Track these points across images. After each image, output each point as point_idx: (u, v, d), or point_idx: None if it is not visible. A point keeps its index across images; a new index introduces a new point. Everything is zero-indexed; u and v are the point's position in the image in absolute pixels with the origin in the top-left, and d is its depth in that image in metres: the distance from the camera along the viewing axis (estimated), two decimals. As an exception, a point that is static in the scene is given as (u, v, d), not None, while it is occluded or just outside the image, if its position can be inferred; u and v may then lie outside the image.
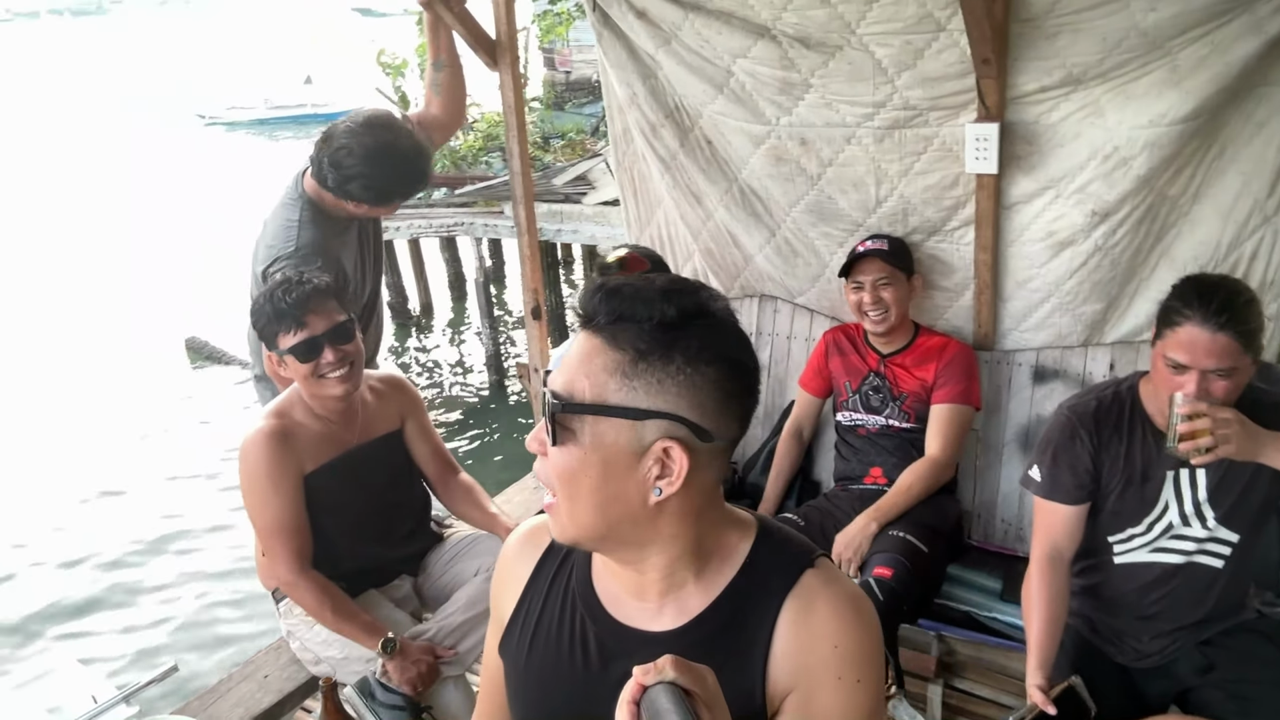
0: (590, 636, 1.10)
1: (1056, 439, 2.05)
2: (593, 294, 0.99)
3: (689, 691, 0.81)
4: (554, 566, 1.16)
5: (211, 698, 2.42)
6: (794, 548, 1.09)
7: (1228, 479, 1.93)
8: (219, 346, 10.09)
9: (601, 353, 0.97)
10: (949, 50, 2.53)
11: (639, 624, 1.08)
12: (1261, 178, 2.40)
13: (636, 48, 3.01)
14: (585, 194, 8.63)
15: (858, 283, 2.72)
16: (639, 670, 0.82)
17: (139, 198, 17.79)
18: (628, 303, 0.97)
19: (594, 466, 0.98)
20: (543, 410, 1.00)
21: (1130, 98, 2.40)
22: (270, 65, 33.30)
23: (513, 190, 3.20)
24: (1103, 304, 2.76)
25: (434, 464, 2.52)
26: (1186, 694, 2.05)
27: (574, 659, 1.11)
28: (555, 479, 1.00)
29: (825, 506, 2.73)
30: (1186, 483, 1.96)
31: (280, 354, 2.19)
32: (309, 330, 2.16)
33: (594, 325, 0.98)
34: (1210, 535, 1.97)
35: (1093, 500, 2.03)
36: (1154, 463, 1.97)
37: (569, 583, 1.14)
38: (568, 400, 0.97)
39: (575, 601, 1.13)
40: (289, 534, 2.22)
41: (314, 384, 2.21)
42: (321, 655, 2.37)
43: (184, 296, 11.58)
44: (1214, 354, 1.76)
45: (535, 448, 1.02)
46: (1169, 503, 1.98)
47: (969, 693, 2.51)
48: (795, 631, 1.03)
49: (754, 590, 1.06)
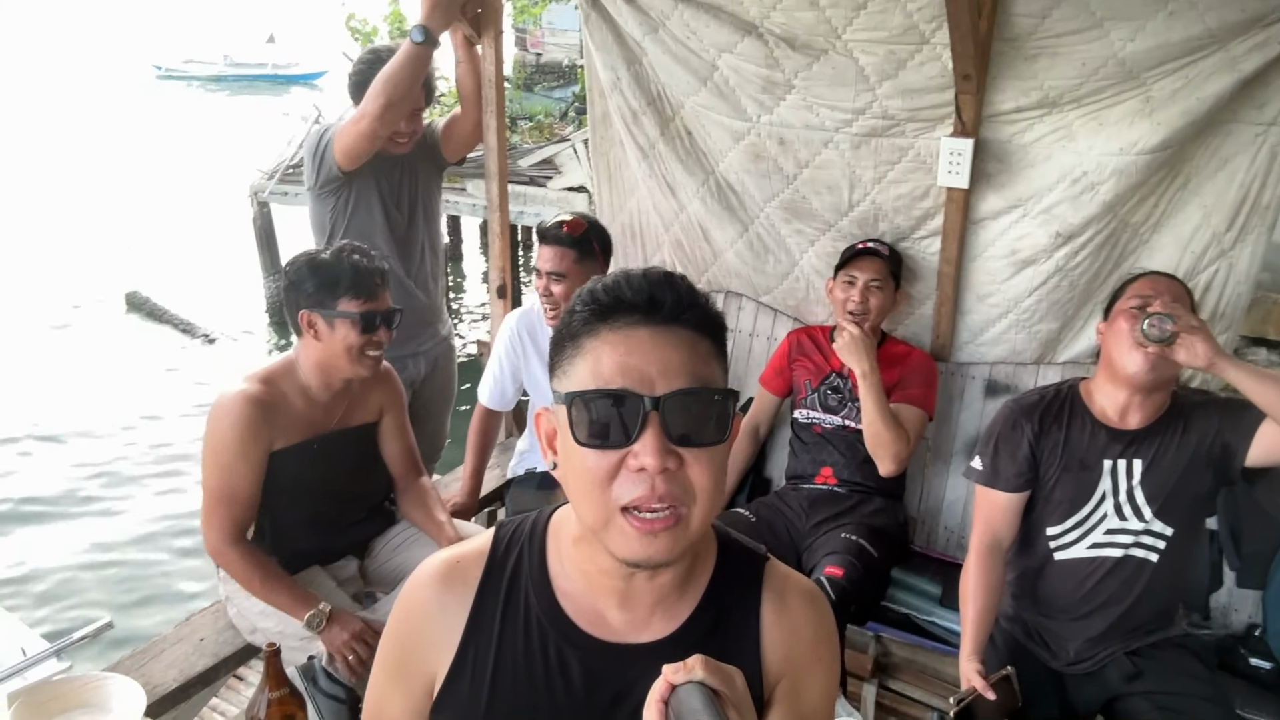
0: (571, 662, 1.04)
1: (999, 429, 2.16)
2: (655, 285, 0.95)
3: (717, 692, 0.80)
4: (498, 603, 1.06)
5: (145, 657, 2.36)
6: (747, 544, 1.14)
7: (1159, 467, 2.03)
8: (160, 304, 9.86)
9: (698, 340, 0.95)
10: (931, 63, 2.57)
11: (626, 638, 1.05)
12: (1221, 212, 2.47)
13: (623, 32, 3.00)
14: (550, 178, 8.59)
15: (851, 278, 2.73)
16: (669, 669, 0.82)
17: (89, 148, 17.25)
18: (682, 289, 0.96)
19: (729, 453, 0.97)
20: (672, 423, 0.91)
21: (1103, 124, 2.47)
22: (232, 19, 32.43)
23: (486, 166, 3.17)
24: (1058, 324, 2.83)
25: (401, 463, 2.49)
26: (1114, 702, 2.12)
27: (554, 690, 1.04)
28: (708, 481, 0.93)
29: (775, 504, 2.76)
30: (1123, 471, 2.05)
31: (331, 314, 2.16)
32: (376, 305, 2.18)
33: (662, 316, 0.94)
34: (1145, 528, 2.05)
35: (1032, 489, 2.13)
36: (1092, 451, 2.07)
37: (527, 614, 1.05)
38: (730, 390, 0.96)
39: (543, 630, 1.05)
40: (236, 504, 2.18)
41: (349, 356, 2.19)
42: (258, 625, 2.33)
43: (129, 251, 11.28)
44: (1170, 291, 1.97)
45: (673, 464, 0.91)
46: (1106, 493, 2.07)
47: (901, 694, 2.55)
48: (778, 622, 1.08)
49: (730, 588, 1.08)
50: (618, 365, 0.91)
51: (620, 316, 0.93)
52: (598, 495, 0.92)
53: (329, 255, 2.20)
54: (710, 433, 0.92)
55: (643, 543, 0.92)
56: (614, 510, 0.92)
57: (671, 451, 0.90)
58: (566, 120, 10.39)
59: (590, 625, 1.04)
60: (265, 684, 1.91)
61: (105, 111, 20.51)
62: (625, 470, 0.91)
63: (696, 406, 0.91)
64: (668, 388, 0.90)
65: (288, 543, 2.30)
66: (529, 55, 15.59)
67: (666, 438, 0.90)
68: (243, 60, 25.75)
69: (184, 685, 2.30)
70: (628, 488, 0.91)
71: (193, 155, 16.72)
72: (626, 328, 0.93)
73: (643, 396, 0.90)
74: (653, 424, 0.89)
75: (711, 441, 0.92)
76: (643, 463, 0.89)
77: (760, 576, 1.10)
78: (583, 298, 0.97)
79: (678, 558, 0.95)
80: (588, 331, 0.94)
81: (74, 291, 10.22)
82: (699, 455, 0.92)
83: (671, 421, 0.90)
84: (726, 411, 0.94)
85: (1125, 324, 1.97)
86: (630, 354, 0.91)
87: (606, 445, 0.91)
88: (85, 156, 16.63)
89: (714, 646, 1.03)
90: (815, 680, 1.09)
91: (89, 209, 13.41)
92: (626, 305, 0.93)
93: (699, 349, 0.95)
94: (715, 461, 0.93)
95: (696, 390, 0.91)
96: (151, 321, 9.73)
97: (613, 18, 2.99)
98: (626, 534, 0.92)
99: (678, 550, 0.94)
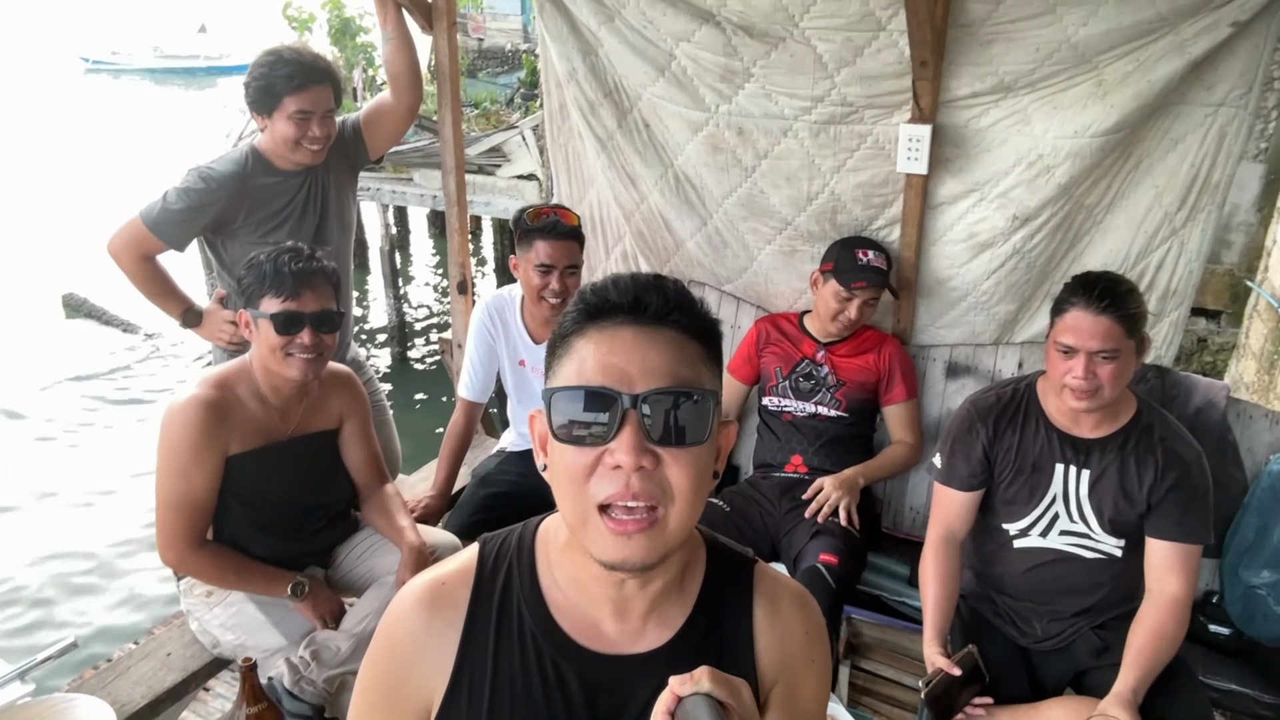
0: (569, 678, 1.03)
1: (956, 431, 2.22)
2: (642, 288, 0.95)
3: (724, 703, 0.80)
4: (490, 622, 1.04)
5: (111, 674, 2.30)
6: (735, 549, 1.14)
7: (1104, 483, 2.08)
8: (98, 304, 9.58)
9: (685, 342, 0.95)
10: (888, 50, 2.59)
11: (622, 649, 1.04)
12: (1173, 192, 2.53)
13: (579, 23, 2.96)
14: (499, 166, 8.49)
15: (849, 293, 2.72)
16: (675, 681, 0.82)
17: (15, 143, 16.65)
18: (671, 292, 0.96)
19: (712, 455, 0.97)
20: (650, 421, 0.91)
21: (1057, 108, 2.50)
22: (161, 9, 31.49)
23: (442, 159, 3.12)
24: (1016, 305, 2.88)
25: (364, 471, 2.45)
26: (1082, 676, 2.18)
27: (554, 707, 1.02)
28: (686, 482, 0.92)
29: (749, 494, 2.78)
30: (1073, 478, 2.10)
31: (257, 315, 2.11)
32: (298, 304, 2.10)
33: (648, 317, 0.94)
34: (1097, 538, 2.12)
35: (986, 488, 2.20)
36: (1045, 455, 2.12)
37: (521, 630, 1.04)
38: (712, 389, 0.96)
39: (539, 647, 1.03)
40: (193, 512, 2.13)
41: (275, 358, 2.13)
42: (220, 638, 2.30)
43: (62, 251, 10.92)
44: (1098, 335, 1.94)
45: (649, 462, 0.91)
46: (1056, 496, 2.12)
47: (873, 673, 2.60)
48: (771, 626, 1.08)
49: (722, 594, 1.08)
50: (600, 364, 0.92)
51: (607, 317, 0.94)
52: (576, 492, 0.92)
53: (263, 254, 2.15)
54: (689, 432, 0.92)
55: (617, 544, 0.91)
56: (591, 508, 0.91)
57: (648, 450, 0.90)
58: (513, 107, 10.26)
59: (585, 638, 1.03)
60: (242, 699, 1.88)
61: (31, 105, 19.81)
62: (602, 467, 0.91)
63: (675, 406, 0.91)
64: (647, 386, 0.90)
65: (246, 549, 2.25)
66: (470, 40, 15.38)
67: (644, 436, 0.90)
68: (173, 51, 25.03)
69: (153, 702, 2.27)
70: (604, 485, 0.91)
71: (124, 150, 16.24)
72: (612, 328, 0.94)
73: (621, 394, 0.90)
74: (630, 422, 0.89)
75: (690, 442, 0.92)
76: (619, 460, 0.89)
77: (751, 581, 1.10)
78: (575, 301, 0.98)
79: (656, 561, 0.94)
80: (576, 331, 0.95)
81: (8, 294, 9.88)
82: (678, 455, 0.91)
83: (649, 420, 0.90)
84: (706, 412, 0.93)
85: (1054, 363, 2.02)
86: (613, 353, 0.92)
87: (585, 442, 0.91)
88: (11, 152, 16.06)
89: (710, 653, 1.03)
90: (809, 682, 1.10)
91: (18, 207, 12.96)
92: (613, 306, 0.94)
93: (685, 351, 0.94)
94: (695, 463, 0.92)
95: (675, 390, 0.91)
96: (91, 322, 9.45)
97: (568, 7, 2.95)
98: (602, 534, 0.92)
99: (656, 553, 0.93)
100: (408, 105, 2.84)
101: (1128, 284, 2.01)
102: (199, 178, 2.63)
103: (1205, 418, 2.54)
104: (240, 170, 2.66)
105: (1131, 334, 1.96)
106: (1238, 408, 2.60)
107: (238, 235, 2.70)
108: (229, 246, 2.73)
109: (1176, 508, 2.01)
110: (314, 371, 2.18)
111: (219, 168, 2.66)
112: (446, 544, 2.44)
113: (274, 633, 2.26)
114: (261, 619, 2.26)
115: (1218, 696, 2.30)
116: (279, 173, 2.70)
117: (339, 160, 2.82)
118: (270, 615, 2.26)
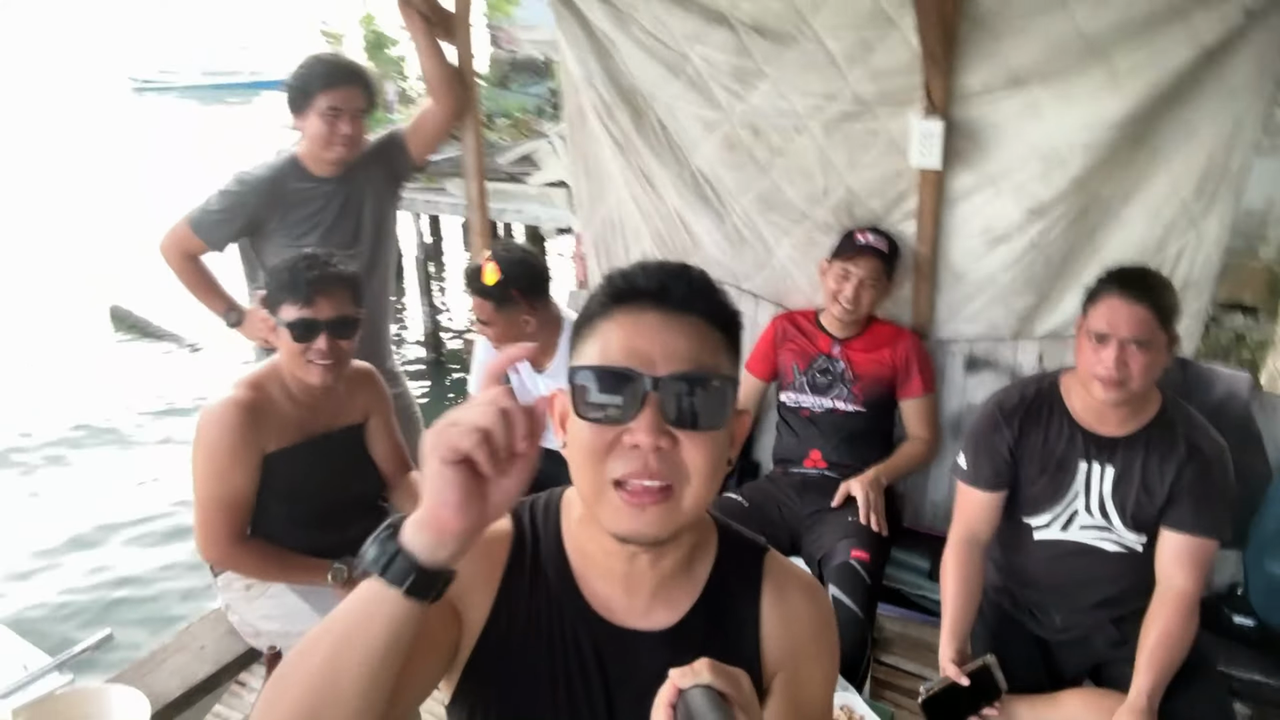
0: (583, 640, 1.06)
1: (980, 429, 2.20)
2: (669, 275, 0.98)
3: (725, 695, 0.81)
4: (525, 580, 1.08)
5: (147, 667, 2.38)
6: (747, 536, 1.16)
7: (1128, 482, 2.06)
8: (144, 317, 9.81)
9: (707, 330, 0.98)
10: (899, 46, 2.60)
11: (631, 624, 1.07)
12: (1189, 181, 2.51)
13: (594, 27, 3.01)
14: (529, 174, 8.57)
15: (846, 272, 2.76)
16: (675, 673, 0.83)
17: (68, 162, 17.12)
18: (696, 281, 0.99)
19: (728, 441, 0.99)
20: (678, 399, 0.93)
21: (1070, 100, 2.50)
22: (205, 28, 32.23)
23: (464, 165, 3.19)
24: (1034, 298, 2.86)
25: (390, 462, 2.51)
26: (1100, 668, 2.17)
27: (569, 665, 1.06)
28: (703, 464, 0.94)
29: (768, 489, 2.80)
30: (1096, 476, 2.09)
31: (278, 320, 2.18)
32: (314, 311, 2.15)
33: (673, 303, 0.97)
34: (1119, 534, 2.10)
35: (1011, 488, 2.17)
36: (1069, 453, 2.10)
37: (548, 590, 1.07)
38: (731, 376, 0.98)
39: (561, 609, 1.07)
40: (234, 510, 2.20)
41: (296, 363, 2.19)
42: (261, 629, 2.35)
43: (112, 266, 11.21)
44: (1132, 324, 1.91)
45: (667, 443, 0.93)
46: (1079, 493, 2.11)
47: (895, 667, 2.61)
48: (778, 614, 1.10)
49: (731, 579, 1.10)
50: (624, 345, 0.94)
51: (633, 301, 0.97)
52: (593, 467, 0.94)
53: (283, 262, 2.21)
54: (707, 417, 0.94)
55: (631, 515, 0.94)
56: (606, 483, 0.94)
57: (666, 431, 0.92)
58: (543, 116, 10.35)
59: (603, 609, 1.07)
60: (267, 687, 1.93)
61: (83, 125, 20.36)
62: (620, 446, 0.93)
63: (695, 390, 0.93)
64: (669, 370, 0.92)
65: (283, 544, 2.31)
66: (503, 52, 15.54)
67: (663, 417, 0.92)
68: (217, 68, 25.63)
69: (187, 693, 2.34)
70: (621, 463, 0.93)
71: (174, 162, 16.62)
72: (638, 311, 0.96)
73: (643, 376, 0.92)
74: (650, 403, 0.91)
75: (708, 426, 0.94)
76: (637, 439, 0.91)
77: (760, 568, 1.12)
78: (602, 284, 1.01)
79: (669, 536, 0.97)
80: (602, 313, 0.98)
81: (58, 307, 10.17)
82: (695, 438, 0.93)
83: (669, 402, 0.92)
84: (725, 398, 0.96)
85: (1086, 355, 1.99)
86: (637, 335, 0.95)
87: (605, 420, 0.93)
88: (65, 171, 16.52)
89: (715, 638, 1.06)
90: (814, 672, 1.11)
91: (70, 224, 13.33)
92: (639, 291, 0.97)
93: (708, 339, 0.97)
94: (712, 446, 0.95)
95: (696, 374, 0.93)
96: (139, 335, 9.69)
97: (583, 13, 3.01)
98: (616, 506, 0.94)
99: (668, 528, 0.95)
100: (447, 107, 2.96)
101: (1163, 278, 2.03)
102: (236, 181, 2.79)
103: (1228, 409, 2.51)
104: (275, 174, 2.80)
105: (1165, 325, 1.94)
106: (1262, 399, 2.57)
107: (272, 238, 2.81)
108: (265, 250, 2.84)
109: (1193, 500, 2.00)
110: (335, 376, 2.24)
111: (256, 171, 2.81)
112: None
113: (315, 618, 2.29)
114: (304, 606, 2.31)
115: (1240, 687, 2.27)
116: (314, 179, 2.81)
117: (379, 170, 2.92)
118: (312, 602, 2.32)
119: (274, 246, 2.81)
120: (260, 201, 2.78)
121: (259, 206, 2.78)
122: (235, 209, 2.78)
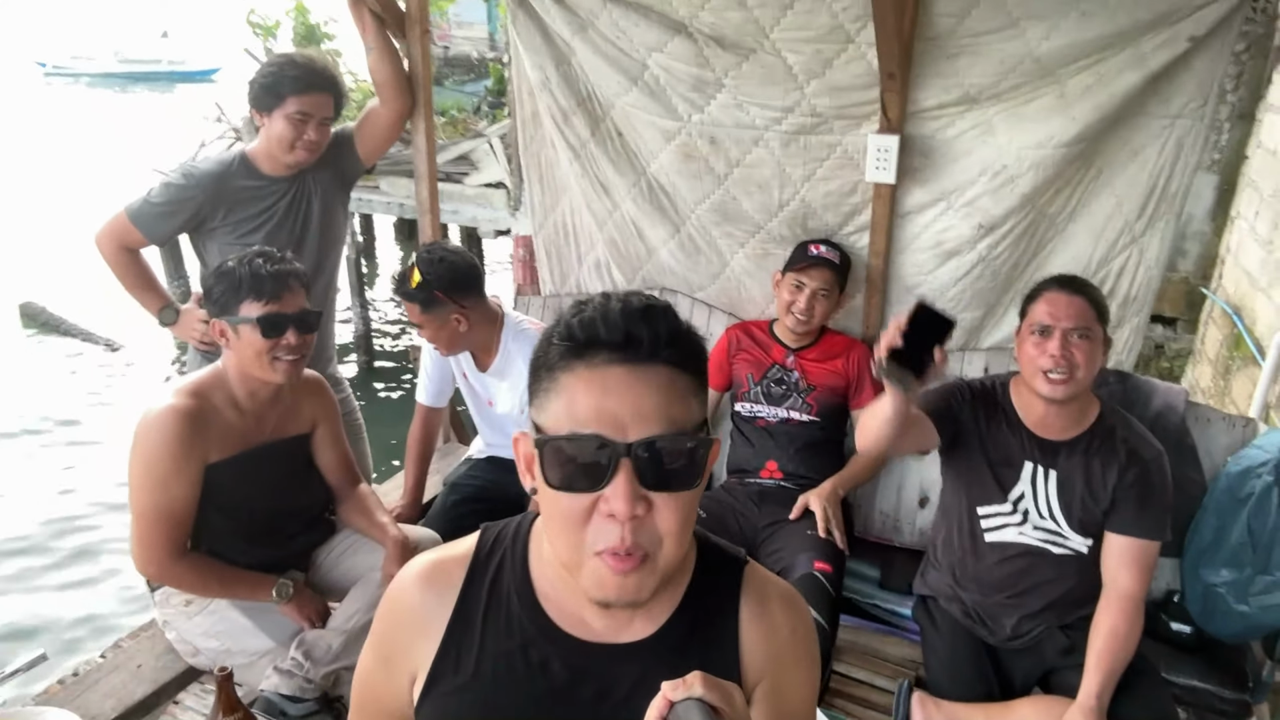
0: (552, 661, 1.05)
1: (944, 387, 2.25)
2: (632, 322, 0.92)
3: (716, 708, 0.80)
4: (480, 604, 1.07)
5: (80, 687, 2.27)
6: (725, 547, 1.15)
7: (1069, 487, 2.13)
8: (58, 314, 9.40)
9: (676, 376, 0.94)
10: (856, 62, 2.63)
11: (606, 638, 1.05)
12: (1133, 201, 2.60)
13: (551, 31, 2.98)
14: (467, 174, 8.48)
15: (799, 283, 2.78)
16: (668, 686, 0.82)
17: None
18: (660, 325, 0.93)
19: (700, 493, 0.96)
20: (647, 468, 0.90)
21: (1021, 119, 2.56)
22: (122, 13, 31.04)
23: (415, 168, 3.12)
24: (981, 311, 2.93)
25: (337, 473, 2.46)
26: (1049, 675, 2.22)
27: (536, 688, 1.05)
28: (676, 524, 0.93)
29: (725, 499, 2.80)
30: (1040, 477, 2.15)
31: (236, 321, 2.10)
32: (280, 306, 2.10)
33: (638, 356, 0.92)
34: (1066, 537, 2.16)
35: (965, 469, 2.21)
36: (1015, 451, 2.16)
37: (509, 614, 1.07)
38: (703, 437, 0.94)
39: (525, 631, 1.06)
40: (174, 522, 2.11)
41: (259, 363, 2.12)
42: (201, 646, 2.28)
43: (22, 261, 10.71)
44: (1073, 313, 2.02)
45: (643, 509, 0.91)
46: (1025, 494, 2.16)
47: (847, 675, 2.63)
48: (758, 624, 1.09)
49: (710, 591, 1.10)
50: (590, 408, 0.90)
51: (596, 354, 0.92)
52: (572, 537, 0.93)
53: (233, 261, 2.15)
54: (681, 479, 0.92)
55: (614, 583, 0.93)
56: (587, 554, 0.93)
57: (642, 497, 0.90)
58: (480, 115, 10.24)
59: (571, 627, 1.05)
60: (218, 710, 1.86)
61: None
62: (598, 515, 0.91)
63: (668, 453, 0.91)
64: (640, 434, 0.89)
65: (226, 558, 2.24)
66: (436, 48, 15.33)
67: (638, 483, 0.90)
68: (134, 56, 24.66)
69: (123, 715, 2.24)
70: (600, 535, 0.91)
71: (84, 156, 15.97)
72: (603, 365, 0.91)
73: (615, 442, 0.89)
74: (624, 470, 0.89)
75: (682, 487, 0.92)
76: (613, 508, 0.89)
77: (739, 579, 1.11)
78: (560, 331, 0.94)
79: (649, 597, 0.95)
80: (563, 366, 0.93)
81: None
82: (669, 500, 0.92)
83: (643, 468, 0.90)
84: (698, 456, 0.93)
85: (1029, 353, 2.07)
86: (605, 395, 0.90)
87: (578, 489, 0.91)
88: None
89: (694, 647, 1.05)
90: (795, 681, 1.11)
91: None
92: (602, 343, 0.91)
93: (676, 386, 0.93)
94: (686, 506, 0.94)
95: (669, 436, 0.90)
96: (51, 332, 9.28)
97: (540, 17, 2.97)
98: (599, 575, 0.93)
99: (646, 591, 0.94)
100: (396, 109, 2.91)
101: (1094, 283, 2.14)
102: (182, 174, 2.71)
103: (1165, 421, 2.60)
104: (222, 170, 2.72)
105: (1101, 320, 2.04)
106: (1195, 411, 2.67)
107: (215, 235, 2.74)
108: (208, 246, 2.77)
109: (1135, 503, 2.07)
110: (296, 374, 2.19)
111: (202, 166, 2.75)
112: (428, 539, 2.47)
113: (260, 636, 2.26)
114: (246, 623, 2.25)
115: (1180, 693, 2.35)
116: (263, 177, 2.74)
117: (328, 172, 2.85)
118: (255, 619, 2.26)
119: (217, 244, 2.73)
120: (206, 197, 2.69)
121: (204, 202, 2.69)
122: (179, 203, 2.68)
